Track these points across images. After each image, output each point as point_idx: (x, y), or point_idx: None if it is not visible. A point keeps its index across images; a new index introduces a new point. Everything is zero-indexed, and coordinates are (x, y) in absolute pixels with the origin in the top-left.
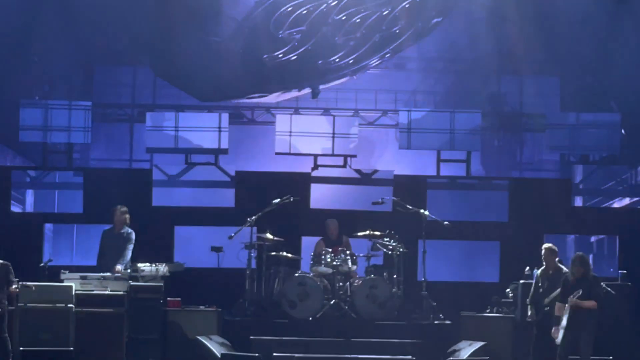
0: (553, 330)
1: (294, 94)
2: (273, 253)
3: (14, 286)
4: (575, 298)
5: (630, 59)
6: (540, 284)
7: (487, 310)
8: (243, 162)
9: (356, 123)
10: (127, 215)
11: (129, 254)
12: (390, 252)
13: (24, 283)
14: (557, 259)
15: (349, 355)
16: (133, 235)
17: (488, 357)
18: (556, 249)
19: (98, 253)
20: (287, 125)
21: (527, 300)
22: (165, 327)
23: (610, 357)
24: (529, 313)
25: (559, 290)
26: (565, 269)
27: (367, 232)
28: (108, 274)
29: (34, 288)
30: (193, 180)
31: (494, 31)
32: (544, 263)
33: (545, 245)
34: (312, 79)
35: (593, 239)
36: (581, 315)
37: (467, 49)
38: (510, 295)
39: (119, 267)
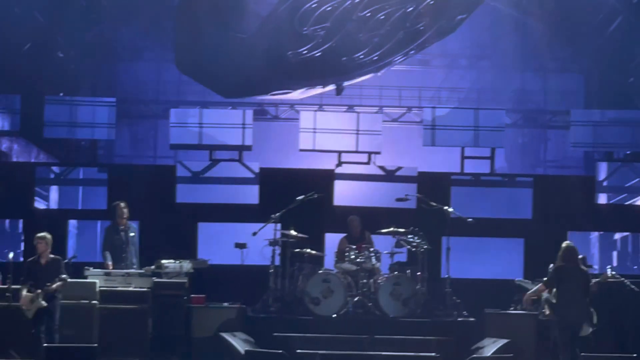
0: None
1: (318, 90)
2: (297, 250)
3: (57, 283)
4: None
5: None
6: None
7: (512, 308)
8: (267, 158)
9: (380, 120)
10: (127, 209)
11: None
12: (414, 249)
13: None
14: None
15: (372, 352)
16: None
17: (512, 355)
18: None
19: (103, 248)
20: (311, 121)
21: (543, 297)
22: (188, 324)
23: (635, 355)
24: (547, 312)
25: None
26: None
27: (391, 229)
28: (132, 270)
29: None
30: (217, 176)
31: (518, 28)
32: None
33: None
34: (336, 75)
35: (617, 236)
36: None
37: (491, 46)
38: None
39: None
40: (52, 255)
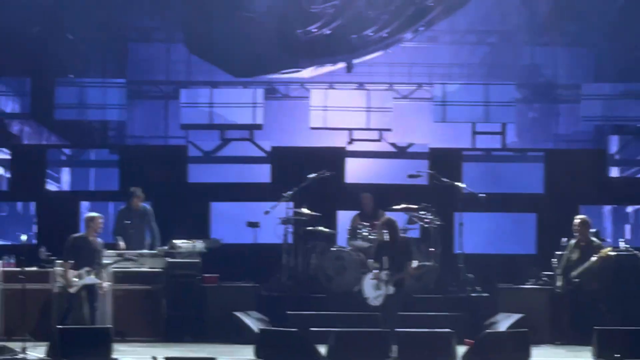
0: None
1: (328, 68)
2: (309, 228)
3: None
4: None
5: None
6: (571, 255)
7: (528, 283)
8: (278, 137)
9: (391, 97)
10: (143, 195)
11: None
12: (426, 225)
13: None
14: (591, 231)
15: (386, 329)
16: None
17: (527, 329)
18: (590, 221)
19: (115, 231)
20: (322, 99)
21: (558, 270)
22: (202, 304)
23: None
24: (559, 284)
25: (589, 262)
26: (597, 241)
27: (403, 206)
28: (145, 250)
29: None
30: (228, 156)
31: (526, 3)
32: (577, 235)
33: (578, 217)
34: (346, 53)
35: (629, 209)
36: None
37: (500, 21)
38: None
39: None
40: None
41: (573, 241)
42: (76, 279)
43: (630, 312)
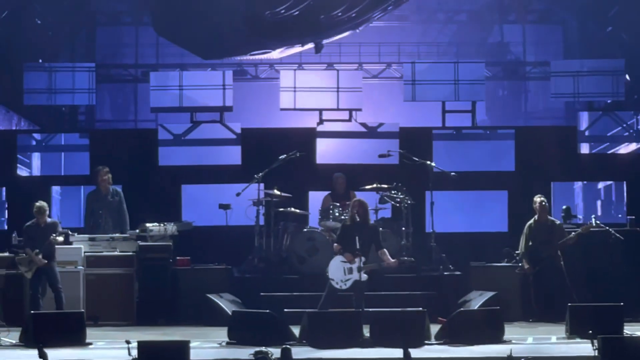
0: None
1: (297, 49)
2: (281, 209)
3: (58, 238)
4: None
5: (632, 4)
6: (531, 235)
7: (505, 261)
8: (248, 119)
9: (360, 76)
10: (110, 175)
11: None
12: (398, 205)
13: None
14: (563, 207)
15: (359, 309)
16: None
17: (499, 307)
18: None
19: (85, 215)
20: (291, 80)
21: (520, 252)
22: (175, 286)
23: (622, 303)
24: (526, 267)
25: (568, 237)
26: (557, 221)
27: (375, 185)
28: (116, 234)
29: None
30: (199, 138)
31: None
32: (536, 215)
33: (538, 198)
34: (314, 33)
35: (600, 185)
36: None
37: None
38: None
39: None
40: (49, 219)
41: (532, 221)
42: (28, 264)
43: (601, 288)
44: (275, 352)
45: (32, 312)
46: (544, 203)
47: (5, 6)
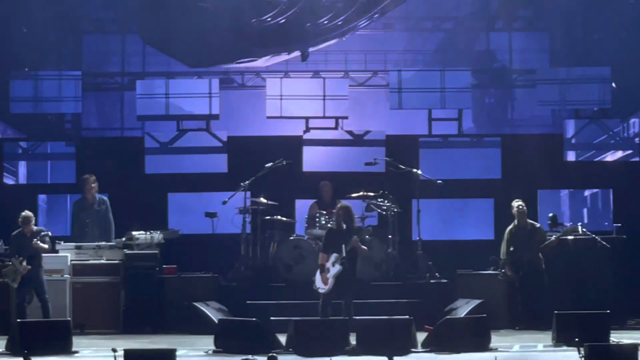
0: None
1: (283, 57)
2: (267, 217)
3: (42, 245)
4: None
5: (618, 11)
6: (512, 240)
7: (491, 269)
8: (234, 127)
9: (346, 84)
10: (96, 184)
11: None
12: (384, 213)
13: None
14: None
15: (346, 317)
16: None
17: (485, 315)
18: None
19: (72, 224)
20: (278, 88)
21: (502, 258)
22: (161, 295)
23: (608, 311)
24: (509, 273)
25: (549, 240)
26: (537, 225)
27: (361, 193)
28: (103, 243)
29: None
30: (185, 146)
31: None
32: (516, 220)
33: (516, 202)
34: (301, 41)
35: (587, 193)
36: None
37: (455, 7)
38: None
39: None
40: (35, 227)
41: (512, 226)
42: (14, 273)
43: (587, 295)
44: None
45: (18, 320)
46: (521, 207)
47: None
